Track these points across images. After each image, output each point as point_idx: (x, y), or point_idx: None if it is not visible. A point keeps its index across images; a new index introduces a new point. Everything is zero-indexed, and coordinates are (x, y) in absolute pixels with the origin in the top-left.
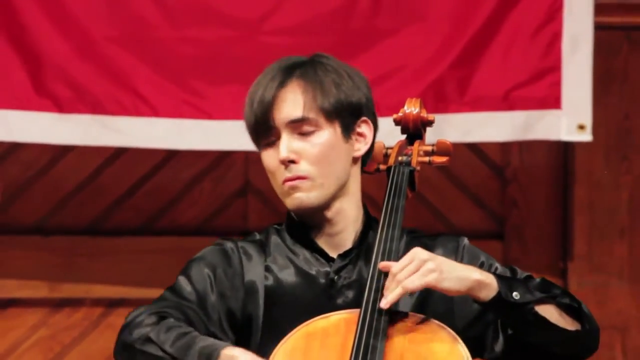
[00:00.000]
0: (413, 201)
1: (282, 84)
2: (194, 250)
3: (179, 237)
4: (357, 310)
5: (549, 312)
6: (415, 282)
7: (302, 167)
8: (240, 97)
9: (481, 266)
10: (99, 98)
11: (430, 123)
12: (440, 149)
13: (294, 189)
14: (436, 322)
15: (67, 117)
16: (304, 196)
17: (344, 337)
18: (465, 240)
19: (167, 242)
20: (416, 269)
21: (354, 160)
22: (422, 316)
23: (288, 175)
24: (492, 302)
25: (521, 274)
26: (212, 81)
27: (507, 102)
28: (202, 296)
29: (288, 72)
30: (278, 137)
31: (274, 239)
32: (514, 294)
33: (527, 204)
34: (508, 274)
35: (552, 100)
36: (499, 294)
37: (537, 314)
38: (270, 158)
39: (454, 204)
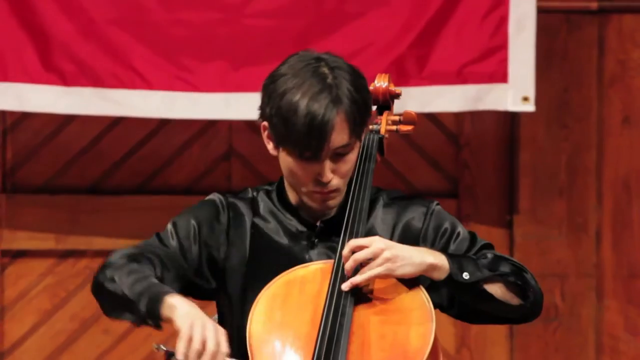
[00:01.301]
0: (379, 164)
1: (331, 111)
2: (184, 207)
3: (170, 196)
4: (331, 261)
5: (496, 289)
6: (373, 272)
7: (335, 183)
8: (224, 72)
9: (444, 232)
10: (99, 73)
11: (397, 96)
12: (407, 118)
13: (326, 199)
14: None
15: (71, 90)
16: (332, 203)
17: (319, 284)
18: (434, 205)
19: (160, 201)
20: (374, 257)
21: None
22: None
23: (322, 189)
24: (444, 282)
25: (479, 241)
26: (200, 58)
27: (460, 77)
28: (183, 245)
29: (329, 94)
30: (319, 158)
31: (264, 199)
32: (464, 274)
33: (478, 166)
34: (468, 240)
35: (499, 75)
36: (450, 275)
37: (485, 291)
38: (303, 170)
39: (414, 167)
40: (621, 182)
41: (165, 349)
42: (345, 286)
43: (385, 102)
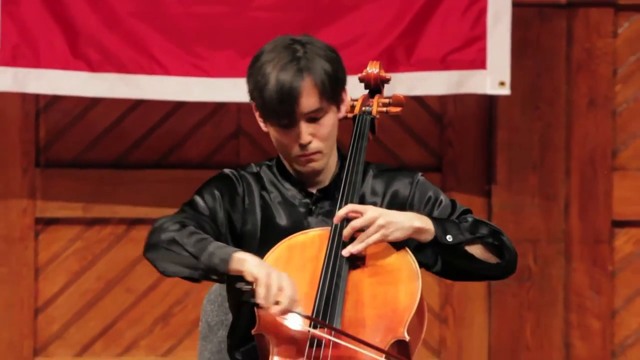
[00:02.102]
0: (371, 142)
1: (299, 77)
2: (198, 180)
3: (185, 170)
4: (328, 228)
5: (476, 250)
6: (370, 239)
7: (315, 145)
8: (233, 59)
9: (428, 200)
10: (122, 60)
11: (387, 80)
12: (395, 101)
13: (309, 161)
14: None
15: (96, 76)
16: (317, 165)
17: (318, 249)
18: (419, 177)
19: (176, 174)
20: (369, 224)
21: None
22: None
23: (304, 152)
24: (430, 243)
25: (459, 208)
26: (211, 47)
27: (444, 63)
28: (212, 212)
29: (297, 64)
30: (293, 123)
31: (266, 173)
32: (448, 236)
33: (460, 143)
34: (450, 207)
35: (479, 62)
36: (435, 237)
37: (466, 252)
38: (285, 137)
39: (403, 144)
40: (587, 157)
41: (247, 287)
42: (345, 252)
43: (376, 86)
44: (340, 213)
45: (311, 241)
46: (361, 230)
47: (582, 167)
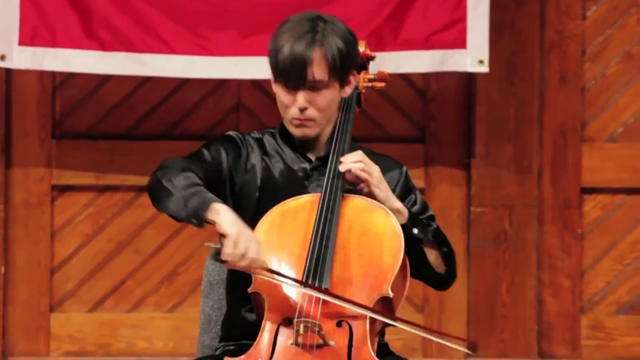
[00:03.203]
0: (360, 114)
1: (312, 47)
2: None
3: (189, 142)
4: (319, 194)
5: (431, 254)
6: (362, 172)
7: (311, 113)
8: (235, 39)
9: (408, 193)
10: (131, 40)
11: (372, 58)
12: (380, 77)
13: (302, 126)
14: (374, 202)
15: (108, 54)
16: (308, 131)
17: (309, 213)
18: (405, 169)
19: (181, 145)
20: (369, 172)
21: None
22: (365, 198)
23: (300, 116)
24: None
25: (429, 211)
26: (214, 28)
27: (427, 43)
28: (217, 164)
29: (313, 37)
30: (298, 87)
31: (269, 139)
32: (415, 230)
33: (442, 116)
34: (421, 207)
35: (460, 42)
36: (405, 224)
37: (422, 251)
38: (286, 97)
39: (389, 117)
40: (558, 130)
41: (214, 246)
42: (342, 167)
43: (362, 63)
44: (354, 157)
45: (303, 206)
46: (355, 183)
47: (554, 138)
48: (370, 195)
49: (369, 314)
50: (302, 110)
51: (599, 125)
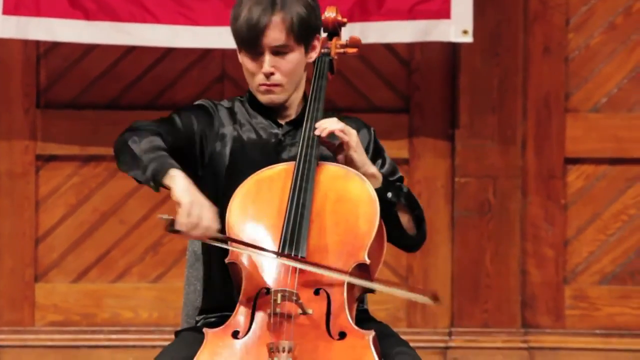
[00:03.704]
0: (344, 85)
1: (269, 12)
2: None
3: None
4: (293, 162)
5: (404, 217)
6: (342, 133)
7: (277, 78)
8: (218, 9)
9: (378, 153)
10: (115, 9)
11: (344, 24)
12: (352, 42)
13: (269, 91)
14: (350, 169)
15: (92, 24)
16: (275, 97)
17: (284, 182)
18: (373, 129)
19: (166, 115)
20: (345, 132)
21: (307, 64)
22: (340, 165)
23: (266, 82)
24: None
25: (398, 172)
26: None
27: (411, 13)
28: (188, 131)
29: (272, 1)
30: (261, 53)
31: (239, 106)
32: (389, 194)
33: (426, 87)
34: (391, 168)
35: (444, 13)
36: (378, 189)
37: (395, 214)
38: (251, 64)
39: (374, 88)
40: (542, 100)
41: (167, 217)
42: (318, 131)
43: (334, 30)
44: (335, 125)
45: (278, 175)
46: (331, 148)
47: (538, 109)
48: (348, 159)
49: (347, 278)
50: (268, 75)
51: (583, 95)
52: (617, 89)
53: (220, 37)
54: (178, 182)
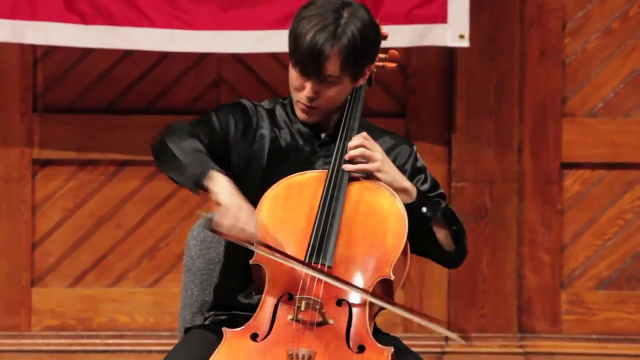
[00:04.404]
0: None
1: (331, 42)
2: None
3: (170, 116)
4: (325, 171)
5: (440, 232)
6: (365, 167)
7: (318, 102)
8: (215, 13)
9: (419, 170)
10: (112, 13)
11: (385, 37)
12: (391, 57)
13: (304, 110)
14: (381, 183)
15: (89, 28)
16: (311, 117)
17: (314, 190)
18: (415, 147)
19: (163, 119)
20: (370, 159)
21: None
22: (371, 179)
23: (305, 102)
24: (407, 206)
25: (439, 189)
26: (195, 2)
27: (408, 18)
28: (225, 132)
29: (335, 30)
30: (311, 77)
31: (279, 110)
32: (424, 208)
33: (423, 91)
34: (431, 185)
35: (440, 17)
36: (413, 203)
37: (431, 229)
38: (298, 81)
39: (369, 92)
40: (539, 104)
41: (206, 215)
42: (346, 167)
43: None
44: (355, 141)
45: (308, 182)
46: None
47: (534, 113)
48: (375, 179)
49: (369, 298)
50: (310, 99)
51: (579, 100)
52: (613, 94)
53: (216, 41)
54: (218, 183)
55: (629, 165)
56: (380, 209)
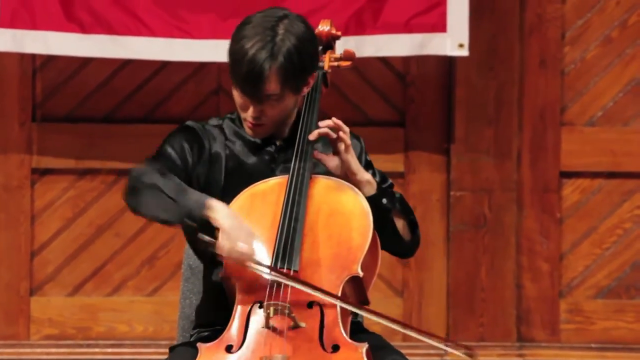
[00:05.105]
0: (339, 98)
1: (269, 61)
2: None
3: (170, 125)
4: (287, 176)
5: (399, 223)
6: (335, 130)
7: (264, 120)
8: (214, 22)
9: (369, 163)
10: (111, 23)
11: (338, 37)
12: (346, 56)
13: (252, 128)
14: (343, 181)
15: (88, 37)
16: (261, 133)
17: (277, 196)
18: (363, 140)
19: (162, 128)
20: (343, 137)
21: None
22: (333, 178)
23: (252, 120)
24: (369, 198)
25: (388, 180)
26: (194, 10)
27: (407, 27)
28: (184, 162)
29: (271, 50)
30: (252, 96)
31: (229, 125)
32: (384, 200)
33: (422, 100)
34: (380, 177)
35: (440, 26)
36: (374, 195)
37: (392, 219)
38: (240, 100)
39: (369, 101)
40: (538, 113)
41: (207, 239)
42: (312, 135)
43: (328, 43)
44: (327, 122)
45: (271, 188)
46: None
47: (533, 122)
48: (345, 163)
49: (339, 303)
50: (255, 118)
51: (579, 109)
52: (612, 103)
53: (216, 50)
54: (218, 209)
55: (628, 175)
56: (343, 208)
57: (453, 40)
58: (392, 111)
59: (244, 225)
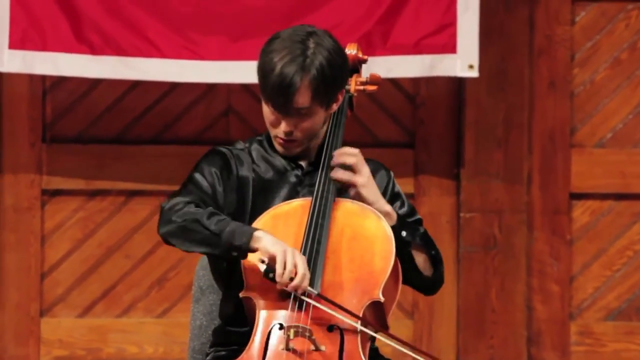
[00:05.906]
0: (349, 120)
1: (300, 74)
2: (192, 155)
3: (180, 146)
4: (310, 198)
5: (419, 257)
6: (351, 179)
7: (296, 135)
8: (224, 44)
9: (397, 195)
10: (121, 44)
11: (364, 61)
12: (372, 80)
13: (283, 145)
14: (366, 205)
15: (98, 58)
16: (289, 152)
17: (300, 218)
18: (392, 173)
19: (172, 149)
20: (357, 172)
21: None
22: (357, 202)
23: (283, 136)
24: None
25: (416, 215)
26: (204, 32)
27: (417, 48)
28: (214, 190)
29: (302, 64)
30: (283, 111)
31: (256, 147)
32: (403, 233)
33: (432, 122)
34: (409, 211)
35: (450, 47)
36: (393, 227)
37: (410, 254)
38: (271, 117)
39: (379, 122)
40: (547, 135)
41: (265, 266)
42: (334, 174)
43: (354, 67)
44: (339, 152)
45: (294, 210)
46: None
47: (543, 144)
48: (359, 196)
49: (359, 326)
50: (287, 133)
51: (588, 130)
52: (622, 125)
53: (226, 72)
54: (265, 239)
55: (638, 196)
56: (366, 232)
57: (463, 61)
58: (402, 132)
59: (292, 250)
